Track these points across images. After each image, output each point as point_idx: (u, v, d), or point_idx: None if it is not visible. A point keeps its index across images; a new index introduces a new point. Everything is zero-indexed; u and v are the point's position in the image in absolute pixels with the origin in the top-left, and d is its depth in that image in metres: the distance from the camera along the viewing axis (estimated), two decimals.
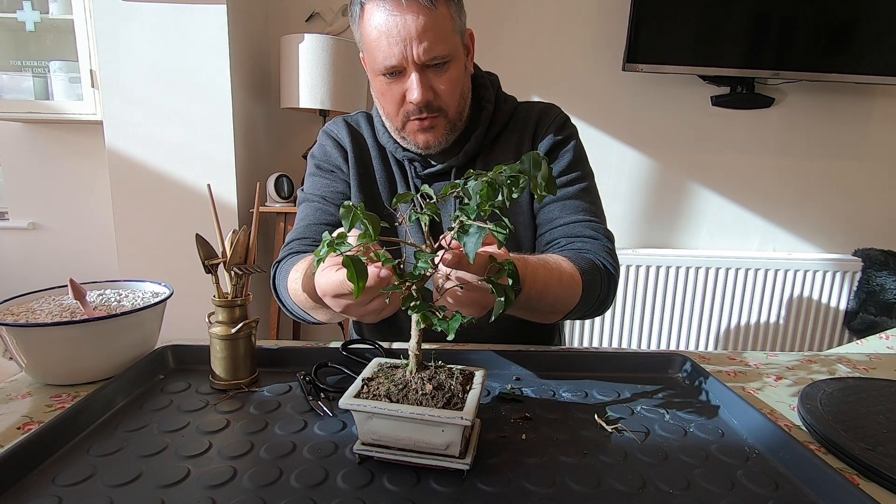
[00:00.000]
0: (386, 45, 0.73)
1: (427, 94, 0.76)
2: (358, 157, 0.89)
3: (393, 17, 0.71)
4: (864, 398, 0.63)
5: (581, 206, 0.85)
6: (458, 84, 0.79)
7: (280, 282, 0.79)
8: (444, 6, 0.73)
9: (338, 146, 0.90)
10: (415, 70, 0.74)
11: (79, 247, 2.13)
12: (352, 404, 0.47)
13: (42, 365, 0.62)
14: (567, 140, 0.88)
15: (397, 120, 0.81)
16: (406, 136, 0.82)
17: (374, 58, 0.75)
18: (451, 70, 0.77)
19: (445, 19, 0.74)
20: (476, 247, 0.44)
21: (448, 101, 0.79)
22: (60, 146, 2.05)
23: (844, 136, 2.14)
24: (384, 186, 0.88)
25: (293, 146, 2.10)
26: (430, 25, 0.72)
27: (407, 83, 0.76)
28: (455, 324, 0.46)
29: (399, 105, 0.78)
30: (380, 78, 0.78)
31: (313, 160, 0.92)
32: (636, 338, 2.14)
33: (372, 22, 0.73)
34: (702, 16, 1.92)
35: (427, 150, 0.83)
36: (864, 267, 2.10)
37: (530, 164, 0.43)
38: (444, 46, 0.74)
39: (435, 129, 0.80)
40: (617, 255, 0.84)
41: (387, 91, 0.78)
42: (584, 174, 0.88)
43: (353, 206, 0.44)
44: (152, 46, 1.64)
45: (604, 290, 0.79)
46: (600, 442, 0.54)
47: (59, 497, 0.43)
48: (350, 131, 0.90)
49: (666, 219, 2.19)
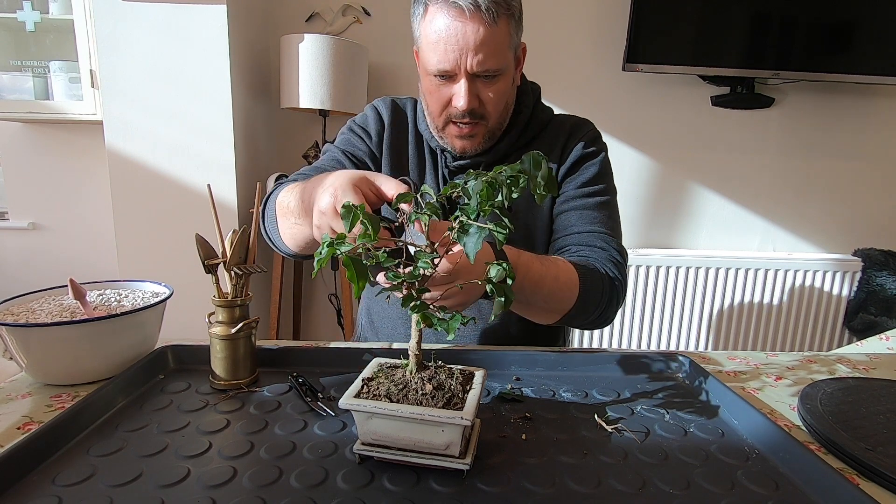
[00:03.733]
0: (443, 50, 0.75)
1: (473, 103, 0.78)
2: (394, 135, 0.92)
3: (454, 25, 0.73)
4: (864, 398, 0.63)
5: (597, 218, 0.86)
6: (503, 96, 0.81)
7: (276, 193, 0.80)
8: (504, 22, 0.75)
9: (378, 119, 0.93)
10: (465, 78, 0.77)
11: (79, 247, 2.13)
12: (352, 404, 0.47)
13: (42, 365, 0.62)
14: (595, 154, 0.90)
15: (439, 120, 0.83)
16: (444, 137, 0.85)
17: (428, 59, 0.78)
18: (500, 83, 0.79)
19: (503, 35, 0.76)
20: (476, 247, 0.44)
21: (492, 110, 0.81)
22: (60, 146, 2.05)
23: (844, 136, 2.14)
24: (414, 170, 0.91)
25: (293, 146, 2.10)
26: (487, 39, 0.74)
27: (455, 88, 0.78)
28: (455, 324, 0.46)
29: (444, 107, 0.81)
30: (430, 78, 0.80)
31: (351, 122, 0.95)
32: (636, 338, 2.14)
33: (433, 25, 0.75)
34: (702, 16, 1.92)
35: (462, 153, 0.86)
36: (864, 267, 2.10)
37: (530, 164, 0.43)
38: (497, 60, 0.76)
39: (474, 136, 0.83)
40: (625, 271, 0.84)
41: (435, 91, 0.80)
42: (606, 189, 0.89)
43: (353, 206, 0.44)
44: (152, 46, 1.64)
45: (604, 298, 0.79)
46: (600, 442, 0.54)
47: (59, 497, 0.43)
48: (394, 110, 0.93)
49: (666, 219, 2.19)
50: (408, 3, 0.81)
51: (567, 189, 0.89)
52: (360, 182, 0.56)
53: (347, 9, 1.99)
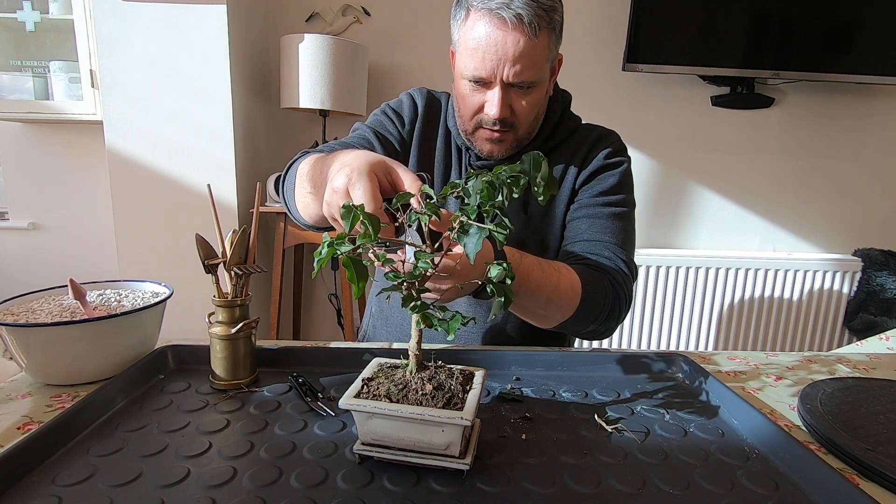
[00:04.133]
0: (480, 58, 0.75)
1: (505, 112, 0.78)
2: (426, 126, 0.92)
3: (495, 34, 0.73)
4: (864, 398, 0.63)
5: (610, 229, 0.85)
6: (535, 107, 0.81)
7: (299, 160, 0.79)
8: (545, 36, 0.75)
9: (413, 107, 0.93)
10: (500, 87, 0.76)
11: (79, 247, 2.13)
12: (352, 404, 0.47)
13: (42, 365, 0.62)
14: (616, 165, 0.89)
15: (469, 124, 0.83)
16: (473, 140, 0.85)
17: (465, 63, 0.78)
18: (534, 93, 0.79)
19: (542, 48, 0.76)
20: (476, 248, 0.44)
21: (522, 120, 0.81)
22: (60, 146, 2.05)
23: (844, 136, 2.14)
24: (440, 162, 0.91)
25: (293, 146, 2.10)
26: (526, 52, 0.74)
27: (488, 95, 0.78)
28: (455, 324, 0.46)
29: (475, 112, 0.81)
30: (464, 82, 0.80)
31: (385, 105, 0.95)
32: (636, 338, 2.14)
33: (474, 31, 0.75)
34: (702, 16, 1.92)
35: (489, 158, 0.86)
36: (864, 267, 2.11)
37: (530, 164, 0.43)
38: (533, 73, 0.76)
39: (503, 142, 0.83)
40: (631, 286, 0.83)
41: (468, 96, 0.80)
42: (624, 201, 0.88)
43: (352, 206, 0.44)
44: (152, 46, 1.64)
45: (604, 312, 0.78)
46: (600, 442, 0.54)
47: (59, 497, 0.43)
48: (429, 101, 0.94)
49: (666, 219, 2.19)
50: (408, 4, 0.81)
51: (583, 197, 0.88)
52: (377, 166, 0.54)
53: (347, 9, 1.99)
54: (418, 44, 2.01)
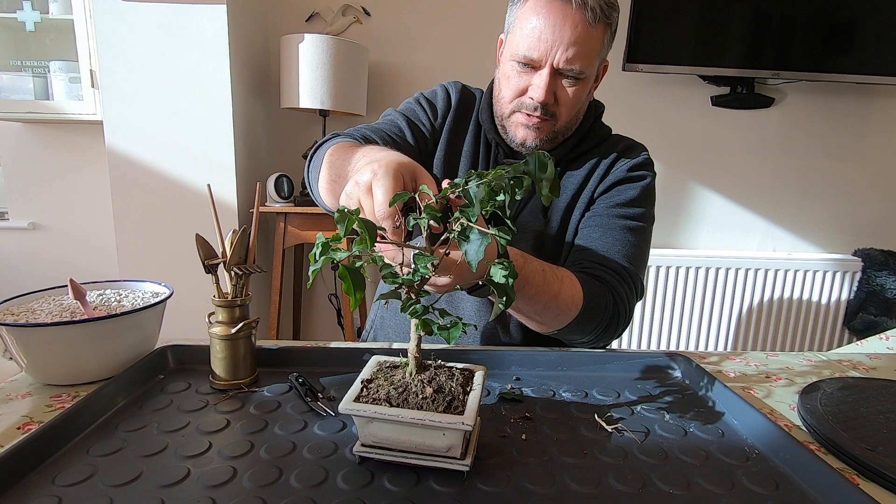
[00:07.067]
0: (536, 39, 0.75)
1: (549, 98, 0.78)
2: (457, 120, 0.92)
3: (555, 17, 0.73)
4: (864, 398, 0.63)
5: (622, 240, 0.83)
6: (577, 102, 0.81)
7: (329, 143, 0.79)
8: (602, 29, 0.76)
9: (447, 99, 0.93)
10: (548, 70, 0.76)
11: (79, 247, 2.13)
12: (351, 409, 0.46)
13: (42, 365, 0.62)
14: (638, 178, 0.88)
15: (508, 106, 0.82)
16: (507, 126, 0.84)
17: (517, 43, 0.77)
18: (578, 87, 0.79)
19: (597, 42, 0.76)
20: (478, 255, 0.43)
21: (563, 111, 0.81)
22: (60, 146, 2.05)
23: (844, 136, 2.14)
24: (467, 156, 0.90)
25: (293, 146, 2.10)
26: (582, 40, 0.74)
27: (534, 79, 0.78)
28: (456, 332, 0.45)
29: (517, 95, 0.80)
30: (512, 63, 0.79)
31: (419, 94, 0.95)
32: (636, 338, 2.14)
33: (533, 12, 0.75)
34: (702, 16, 1.92)
35: (522, 146, 0.84)
36: (864, 267, 2.11)
37: (535, 165, 0.42)
38: (584, 63, 0.76)
39: (539, 130, 0.82)
40: (633, 303, 0.82)
41: (513, 77, 0.80)
42: (641, 215, 0.87)
43: (347, 211, 0.43)
44: (152, 46, 1.64)
45: (601, 325, 0.77)
46: (600, 442, 0.54)
47: (59, 497, 0.43)
48: (463, 95, 0.93)
49: (666, 219, 2.19)
50: (408, 4, 0.81)
51: (599, 206, 0.86)
52: (405, 168, 0.53)
53: (347, 9, 1.99)
54: (418, 44, 2.01)
